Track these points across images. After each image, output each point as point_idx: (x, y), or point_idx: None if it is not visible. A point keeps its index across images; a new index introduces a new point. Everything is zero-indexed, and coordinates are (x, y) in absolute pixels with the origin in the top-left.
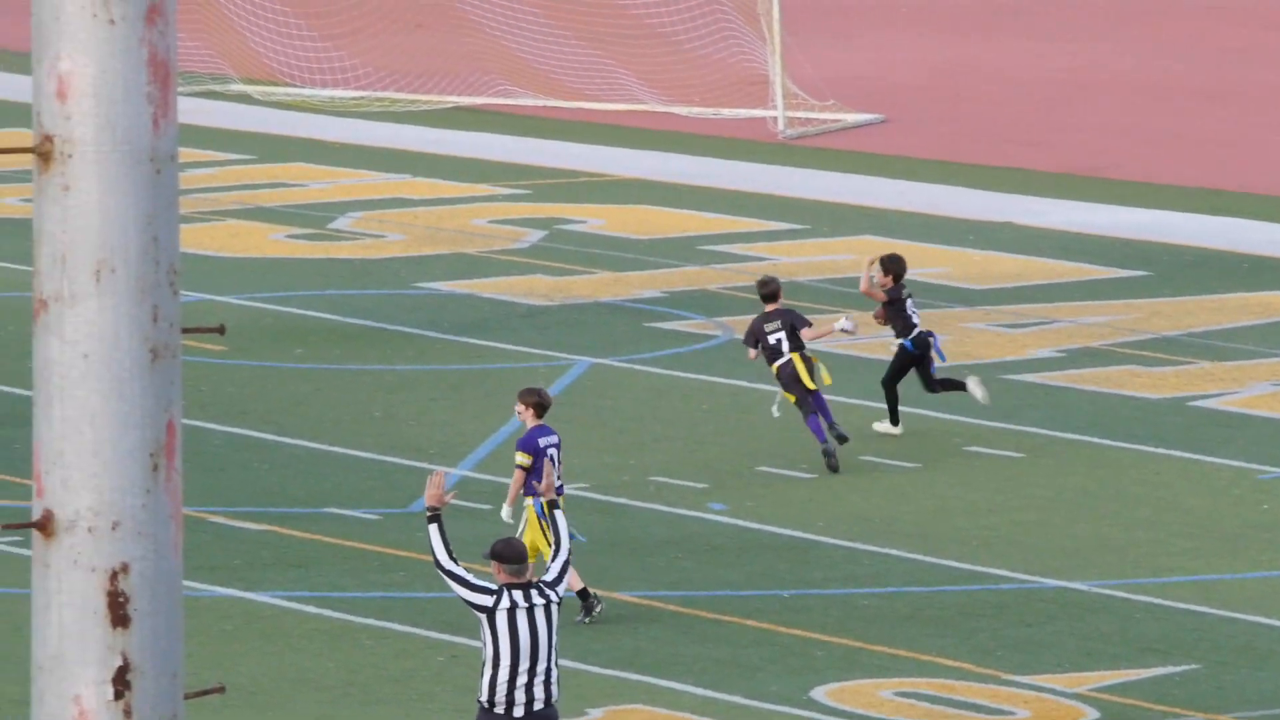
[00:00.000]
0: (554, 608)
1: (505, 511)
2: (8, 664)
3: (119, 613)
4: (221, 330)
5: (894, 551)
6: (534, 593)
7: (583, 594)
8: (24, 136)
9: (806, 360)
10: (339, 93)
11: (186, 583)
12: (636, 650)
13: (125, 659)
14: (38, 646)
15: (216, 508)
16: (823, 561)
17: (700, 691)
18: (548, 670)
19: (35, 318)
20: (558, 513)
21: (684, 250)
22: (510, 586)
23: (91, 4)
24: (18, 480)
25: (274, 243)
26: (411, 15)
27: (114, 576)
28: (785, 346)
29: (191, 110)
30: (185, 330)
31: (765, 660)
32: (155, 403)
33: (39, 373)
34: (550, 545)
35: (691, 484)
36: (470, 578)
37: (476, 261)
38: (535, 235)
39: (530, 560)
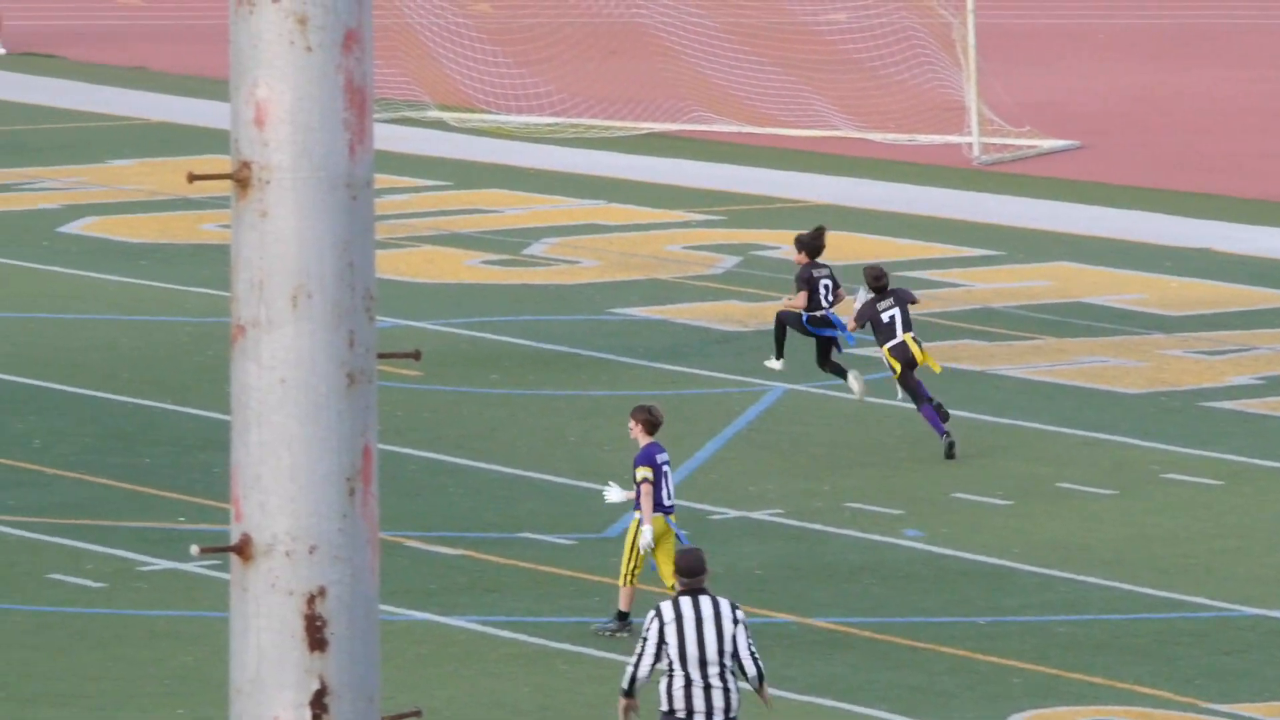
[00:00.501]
0: (727, 616)
1: (646, 533)
2: (207, 687)
3: (316, 636)
4: (417, 355)
5: (1090, 579)
6: (704, 600)
7: (621, 616)
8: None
9: (918, 344)
10: (534, 119)
11: (382, 606)
12: (831, 676)
13: (323, 682)
14: (236, 670)
15: (412, 532)
16: (1018, 588)
17: (895, 718)
18: (722, 677)
19: (233, 343)
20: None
21: None
22: (682, 594)
23: (289, 31)
24: (216, 504)
25: (469, 268)
26: (607, 42)
27: (311, 600)
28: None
29: (387, 136)
30: (381, 355)
31: (960, 687)
32: (352, 428)
33: (237, 397)
34: (627, 557)
35: (886, 510)
36: (646, 659)
37: (671, 287)
38: (730, 261)
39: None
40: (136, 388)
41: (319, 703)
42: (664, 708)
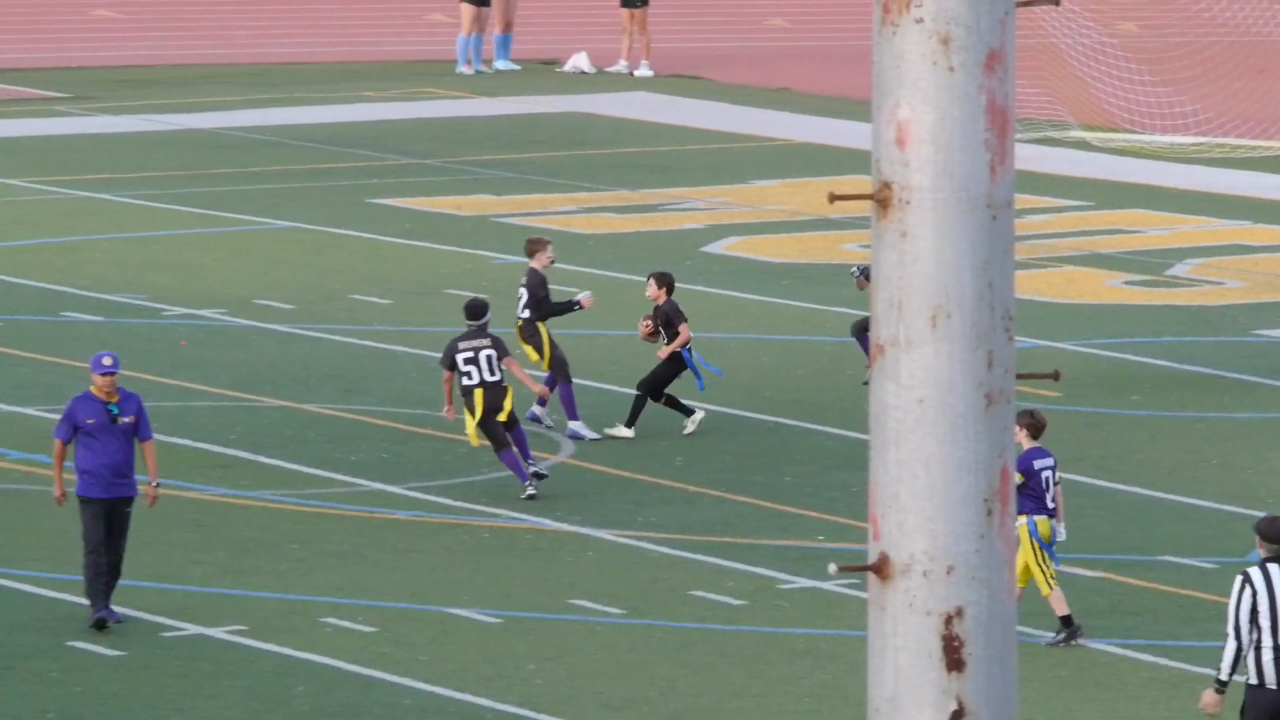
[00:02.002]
0: None
1: (1029, 525)
2: (845, 705)
3: (954, 657)
4: (1056, 376)
5: None
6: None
7: (1066, 620)
8: (863, 183)
9: None
10: (1179, 138)
11: (1019, 628)
12: None
13: (960, 703)
14: (873, 689)
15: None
16: None
17: None
18: None
19: (872, 362)
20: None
21: None
22: (1267, 561)
23: (931, 52)
24: (854, 523)
25: (1110, 289)
26: (1255, 60)
27: (948, 621)
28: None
29: (1029, 156)
30: (1020, 376)
31: None
32: (989, 448)
33: (875, 416)
34: (1040, 565)
35: None
36: (1244, 634)
37: None
38: None
39: (1021, 584)
40: (777, 406)
41: None
42: (1253, 681)
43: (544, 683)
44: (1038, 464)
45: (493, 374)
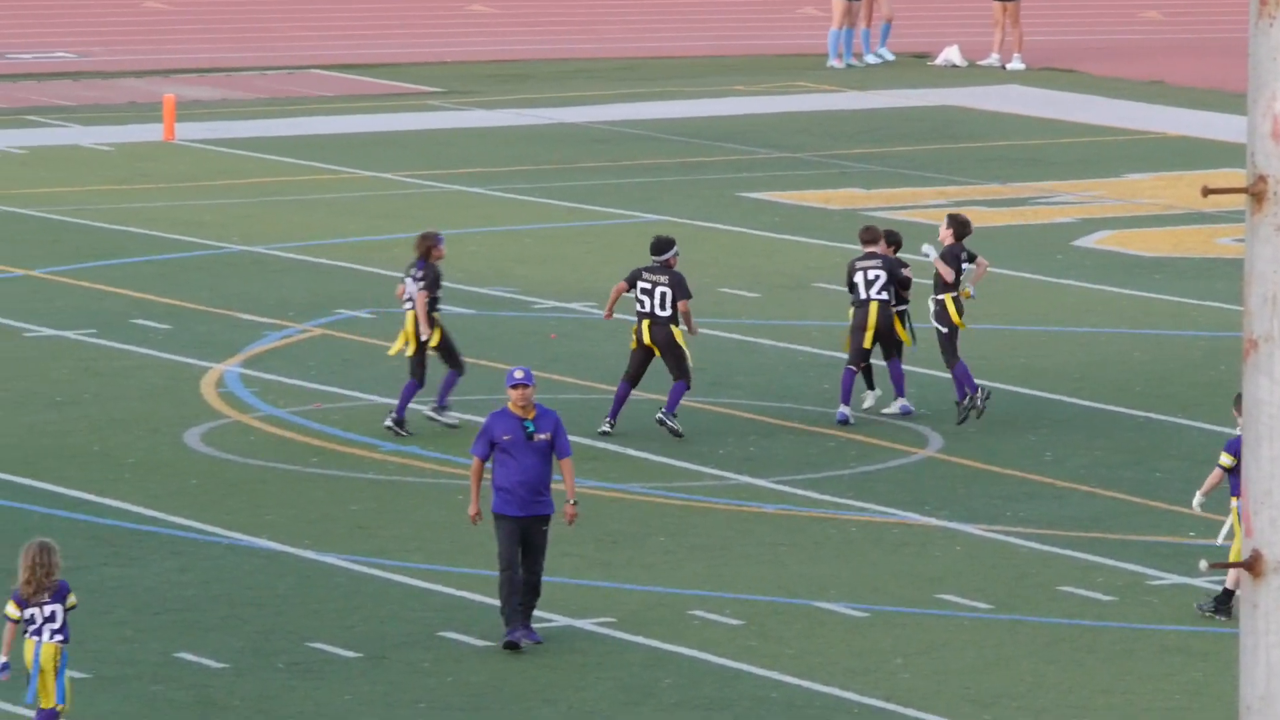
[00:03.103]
0: None
1: (1197, 499)
2: (1217, 704)
3: None
4: None
5: None
6: None
7: (1225, 595)
8: (1237, 177)
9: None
10: None
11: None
12: None
13: None
14: (1246, 687)
15: None
16: None
17: None
18: None
19: (1245, 357)
20: None
21: None
22: None
23: None
24: (1226, 519)
25: None
26: None
27: None
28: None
29: None
30: None
31: None
32: None
33: (1248, 412)
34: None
35: None
36: None
37: None
38: None
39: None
40: (1148, 401)
41: None
42: None
43: (910, 677)
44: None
45: (663, 309)
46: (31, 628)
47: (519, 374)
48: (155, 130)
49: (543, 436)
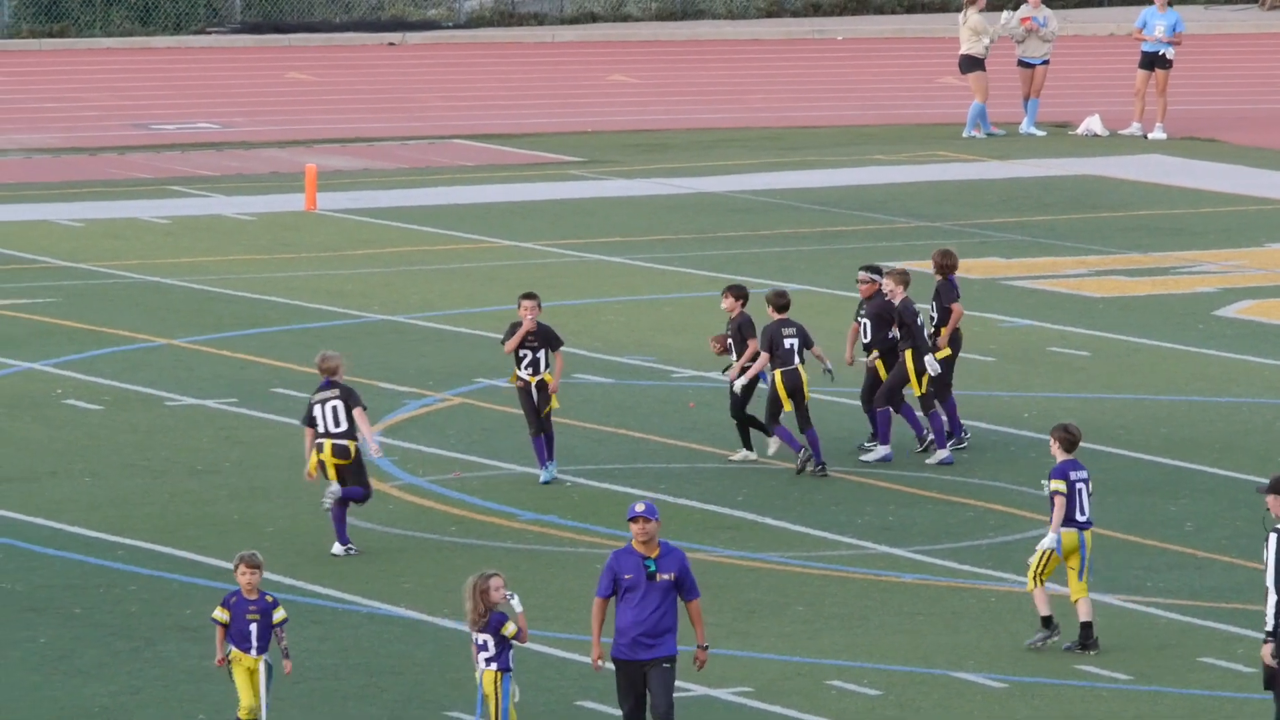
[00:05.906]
0: None
1: (1051, 538)
2: None
3: None
4: None
5: None
6: None
7: (1046, 621)
8: None
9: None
10: None
11: None
12: None
13: None
14: None
15: None
16: None
17: None
18: None
19: None
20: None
21: None
22: None
23: None
24: None
25: None
26: None
27: None
28: (796, 357)
29: None
30: None
31: None
32: None
33: None
34: (1038, 565)
35: None
36: None
37: None
38: None
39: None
40: None
41: None
42: None
43: None
44: (1073, 475)
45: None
46: (483, 655)
47: (640, 507)
48: (297, 200)
49: (666, 576)
